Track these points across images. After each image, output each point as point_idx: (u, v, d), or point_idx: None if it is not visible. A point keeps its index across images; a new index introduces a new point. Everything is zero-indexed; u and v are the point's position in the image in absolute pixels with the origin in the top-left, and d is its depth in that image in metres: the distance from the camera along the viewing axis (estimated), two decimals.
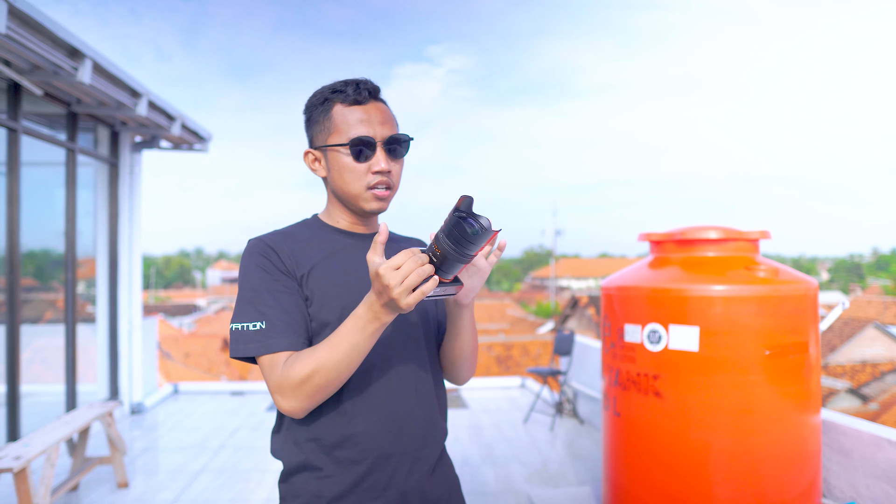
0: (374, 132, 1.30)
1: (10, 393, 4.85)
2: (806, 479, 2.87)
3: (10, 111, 4.87)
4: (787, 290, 2.85)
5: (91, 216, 6.44)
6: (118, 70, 5.10)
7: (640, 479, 3.02)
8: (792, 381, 2.84)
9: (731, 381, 2.78)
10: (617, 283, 3.20)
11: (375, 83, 1.35)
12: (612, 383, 3.17)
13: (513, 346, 20.38)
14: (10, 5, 3.61)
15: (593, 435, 5.65)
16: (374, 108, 1.33)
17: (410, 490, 1.32)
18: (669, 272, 3.05)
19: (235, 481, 4.45)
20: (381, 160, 1.30)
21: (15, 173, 4.91)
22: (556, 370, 6.31)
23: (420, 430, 1.34)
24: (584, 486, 4.31)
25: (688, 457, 2.84)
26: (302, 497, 1.28)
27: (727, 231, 3.03)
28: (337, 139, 1.31)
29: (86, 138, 6.28)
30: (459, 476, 4.54)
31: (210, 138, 7.32)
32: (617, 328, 3.12)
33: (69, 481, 3.94)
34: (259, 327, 1.22)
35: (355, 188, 1.32)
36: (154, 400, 6.97)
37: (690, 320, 2.84)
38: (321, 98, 1.35)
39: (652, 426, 2.95)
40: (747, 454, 2.77)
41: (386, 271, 1.04)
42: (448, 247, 1.03)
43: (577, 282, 67.62)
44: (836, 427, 3.28)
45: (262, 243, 1.30)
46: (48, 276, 5.88)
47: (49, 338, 5.78)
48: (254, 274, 1.26)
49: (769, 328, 2.80)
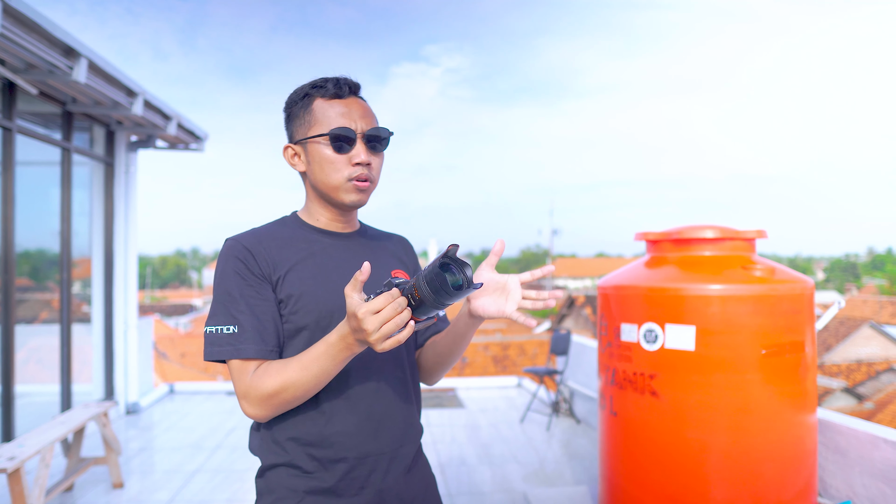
0: (355, 125, 1.31)
1: (5, 393, 4.83)
2: (802, 479, 2.87)
3: (5, 110, 4.84)
4: (783, 289, 2.85)
5: (86, 216, 6.41)
6: (114, 69, 5.08)
7: (636, 479, 3.02)
8: (788, 381, 2.84)
9: (728, 381, 2.78)
10: (613, 282, 3.20)
11: (355, 80, 1.36)
12: (608, 383, 3.16)
13: (509, 345, 20.38)
14: (4, 4, 3.60)
15: (590, 434, 5.65)
16: (355, 103, 1.34)
17: (387, 489, 1.33)
18: (666, 271, 3.04)
19: (231, 481, 4.44)
20: (362, 152, 1.31)
21: (10, 172, 4.89)
22: (553, 370, 6.31)
23: (398, 429, 1.36)
24: (580, 485, 4.31)
25: (685, 456, 2.84)
26: (277, 492, 1.29)
27: (724, 230, 3.03)
28: (317, 131, 1.32)
29: (81, 137, 6.25)
30: (456, 475, 4.55)
31: (206, 138, 7.30)
32: (613, 327, 3.12)
33: (64, 482, 3.93)
34: (231, 331, 1.23)
35: (335, 179, 1.32)
36: (150, 400, 6.95)
37: (687, 319, 2.83)
38: (301, 94, 1.36)
39: (649, 425, 2.94)
40: (744, 453, 2.77)
41: (365, 315, 1.05)
42: (427, 293, 1.03)
43: (573, 281, 67.68)
44: (832, 426, 3.29)
45: (239, 245, 1.29)
46: (43, 276, 5.86)
47: (44, 338, 5.76)
48: (229, 277, 1.27)
49: (766, 327, 2.80)
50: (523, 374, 8.66)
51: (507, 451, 5.17)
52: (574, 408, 6.31)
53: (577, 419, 6.10)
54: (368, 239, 1.46)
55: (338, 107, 1.32)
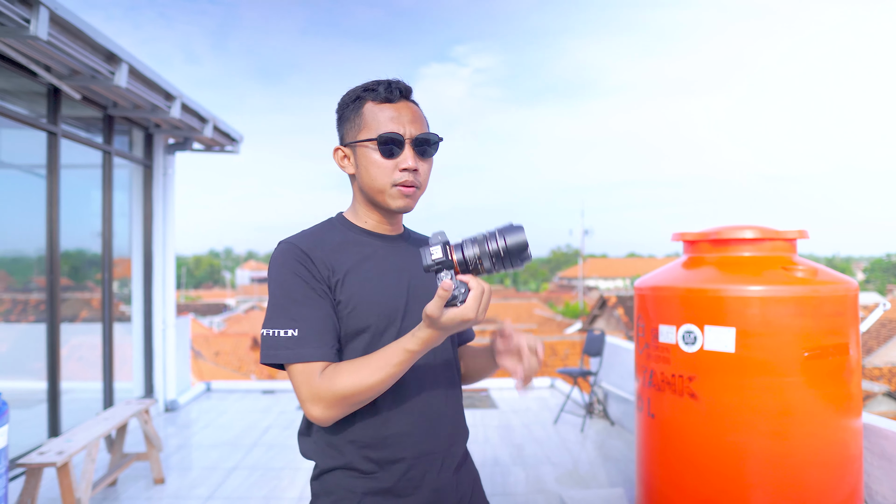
0: (404, 130, 1.31)
1: (51, 390, 4.97)
2: (848, 485, 2.81)
3: (51, 115, 4.99)
4: (826, 290, 2.79)
5: (125, 217, 6.56)
6: (153, 73, 5.20)
7: (674, 482, 2.99)
8: (832, 384, 2.79)
9: (769, 384, 2.74)
10: (650, 283, 3.17)
11: (408, 83, 1.36)
12: (645, 384, 3.14)
13: None
14: (52, 13, 3.70)
15: (624, 436, 5.60)
16: (405, 107, 1.34)
17: (441, 487, 1.35)
18: (704, 272, 3.01)
19: (268, 479, 4.51)
20: (409, 158, 1.31)
21: (55, 175, 5.03)
22: (587, 371, 6.27)
23: (450, 428, 1.39)
24: (616, 487, 4.28)
25: (724, 460, 2.80)
26: (336, 493, 1.31)
27: (764, 231, 2.98)
28: (366, 135, 1.32)
29: (121, 141, 6.40)
30: (490, 476, 4.55)
31: (241, 140, 7.41)
32: (651, 329, 3.09)
33: (108, 476, 4.03)
34: (291, 335, 1.23)
35: (382, 184, 1.32)
36: (187, 398, 7.09)
37: (726, 321, 2.80)
38: (353, 96, 1.37)
39: (687, 428, 2.91)
40: (786, 458, 2.72)
41: (473, 316, 1.12)
42: (497, 260, 1.13)
43: (604, 282, 67.07)
44: (877, 431, 3.21)
45: (296, 248, 1.30)
46: (82, 276, 6.01)
47: (84, 336, 5.91)
48: (288, 280, 1.27)
49: (808, 329, 2.75)
50: (556, 375, 8.61)
51: (540, 453, 5.15)
52: (608, 409, 6.26)
53: (611, 421, 6.05)
54: (412, 243, 1.47)
55: (388, 111, 1.33)
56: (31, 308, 5.25)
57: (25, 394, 4.99)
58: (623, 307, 21.55)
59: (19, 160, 5.14)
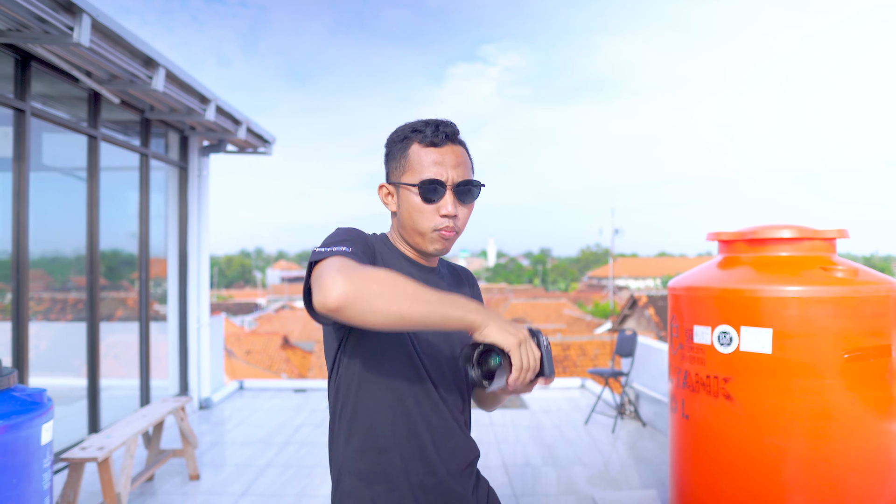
0: (446, 175, 1.34)
1: (91, 386, 5.10)
2: (890, 490, 2.74)
3: (91, 119, 5.12)
4: (867, 290, 2.73)
5: (162, 218, 6.70)
6: (188, 77, 5.30)
7: (709, 485, 2.95)
8: (873, 386, 2.72)
9: (808, 385, 2.69)
10: (685, 283, 3.13)
11: (455, 126, 1.38)
12: (679, 385, 3.10)
13: (570, 346, 20.15)
14: (94, 20, 3.80)
15: (657, 437, 5.54)
16: (450, 151, 1.36)
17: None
18: (740, 272, 2.96)
19: (301, 476, 4.56)
20: (449, 203, 1.34)
21: (95, 178, 5.16)
22: (618, 371, 6.21)
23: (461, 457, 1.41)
24: (649, 489, 4.24)
25: (761, 462, 2.76)
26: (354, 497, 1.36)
27: (801, 230, 2.93)
28: (410, 178, 1.35)
29: (157, 143, 6.54)
30: (521, 477, 4.55)
31: (274, 141, 7.51)
32: (685, 329, 3.06)
33: (145, 472, 4.12)
34: (342, 249, 1.20)
35: (422, 228, 1.36)
36: (221, 396, 7.20)
37: (763, 322, 2.75)
38: (401, 135, 1.39)
39: (722, 430, 2.87)
40: (825, 461, 2.67)
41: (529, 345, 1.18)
42: None
43: (635, 281, 66.32)
44: None
45: (369, 235, 1.39)
46: (118, 276, 6.14)
47: (120, 335, 6.04)
48: (353, 233, 1.31)
49: (848, 330, 2.70)
50: (587, 376, 8.57)
51: (571, 453, 5.13)
52: (640, 410, 6.20)
53: (643, 422, 5.99)
54: (444, 276, 1.51)
55: (433, 154, 1.35)
56: (70, 307, 5.39)
57: (66, 390, 5.12)
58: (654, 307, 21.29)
59: (61, 163, 5.29)
